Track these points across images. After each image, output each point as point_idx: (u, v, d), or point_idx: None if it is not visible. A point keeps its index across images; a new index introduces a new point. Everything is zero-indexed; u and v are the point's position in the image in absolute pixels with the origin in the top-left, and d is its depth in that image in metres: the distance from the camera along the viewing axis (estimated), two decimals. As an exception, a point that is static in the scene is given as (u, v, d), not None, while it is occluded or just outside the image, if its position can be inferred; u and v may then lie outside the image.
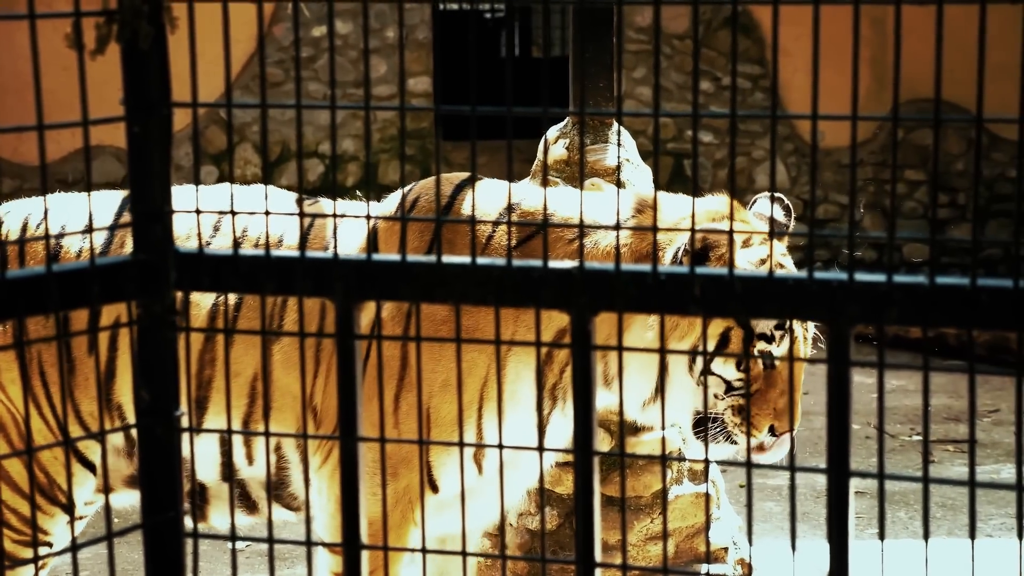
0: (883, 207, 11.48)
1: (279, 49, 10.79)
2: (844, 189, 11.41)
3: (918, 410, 7.78)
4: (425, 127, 11.01)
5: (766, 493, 6.33)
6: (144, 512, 2.10)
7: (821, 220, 11.14)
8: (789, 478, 1.94)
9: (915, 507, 6.21)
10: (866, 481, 5.12)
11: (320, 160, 11.03)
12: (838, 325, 1.89)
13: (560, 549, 4.38)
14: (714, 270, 1.95)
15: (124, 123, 2.03)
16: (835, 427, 1.92)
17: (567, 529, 4.39)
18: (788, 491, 6.41)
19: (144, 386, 2.09)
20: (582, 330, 1.99)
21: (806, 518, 6.05)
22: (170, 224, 2.08)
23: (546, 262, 2.00)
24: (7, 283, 1.90)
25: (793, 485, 1.98)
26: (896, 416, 7.61)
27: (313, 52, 10.91)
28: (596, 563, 1.99)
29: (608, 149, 4.31)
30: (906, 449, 7.14)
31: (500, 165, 10.61)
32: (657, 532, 4.36)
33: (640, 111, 10.15)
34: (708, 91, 11.12)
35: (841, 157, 11.26)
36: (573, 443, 2.01)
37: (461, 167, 11.01)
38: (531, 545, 4.39)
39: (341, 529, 2.06)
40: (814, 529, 5.83)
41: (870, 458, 6.57)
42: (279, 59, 10.80)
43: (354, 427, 2.05)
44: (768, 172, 11.36)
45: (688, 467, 4.43)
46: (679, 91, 11.10)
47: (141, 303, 2.07)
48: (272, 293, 2.10)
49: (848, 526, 1.92)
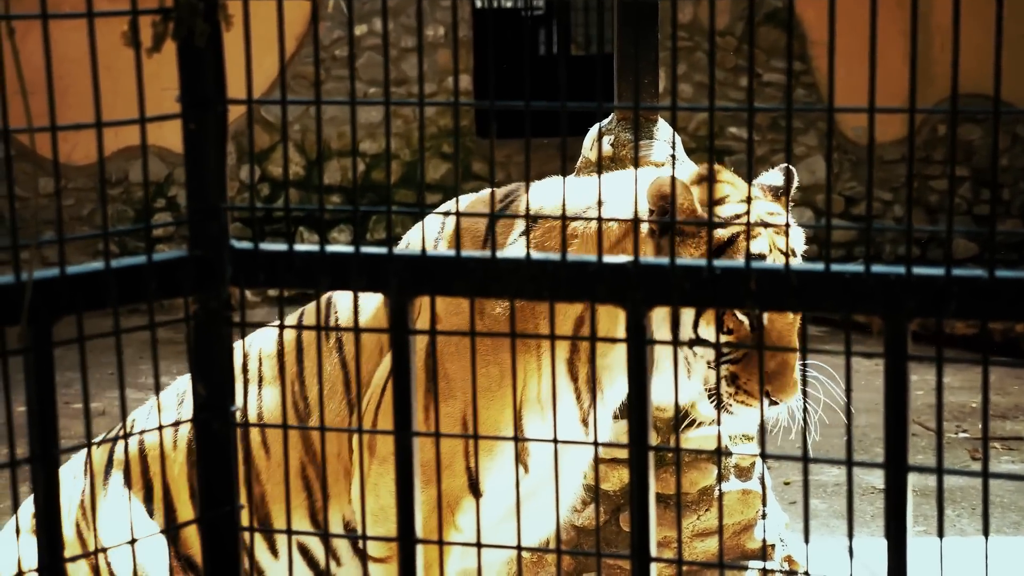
0: (926, 203, 11.40)
1: (321, 48, 10.81)
2: (887, 185, 11.34)
3: (963, 407, 7.73)
4: (465, 125, 11.01)
5: (811, 490, 6.30)
6: (201, 507, 2.11)
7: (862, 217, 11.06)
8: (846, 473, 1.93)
9: (961, 504, 6.17)
10: (912, 478, 5.08)
11: (361, 159, 11.06)
12: (896, 319, 1.88)
13: (606, 545, 4.37)
14: (770, 264, 1.94)
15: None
16: (893, 422, 1.91)
17: (613, 525, 4.38)
18: (835, 488, 6.39)
19: (200, 381, 2.11)
20: (637, 325, 1.99)
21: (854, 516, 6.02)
22: (225, 220, 2.09)
23: (600, 258, 2.00)
24: (67, 279, 1.91)
25: (850, 479, 1.97)
26: (942, 413, 7.56)
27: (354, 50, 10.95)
28: (651, 558, 1.99)
29: (654, 145, 4.30)
30: (952, 446, 7.09)
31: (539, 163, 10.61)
32: (704, 529, 4.35)
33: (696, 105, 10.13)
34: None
35: (884, 153, 11.19)
36: (628, 438, 2.01)
37: (501, 165, 11.01)
38: (577, 541, 4.38)
39: (396, 523, 2.06)
40: (859, 527, 5.80)
41: (916, 455, 6.53)
42: (320, 58, 10.83)
43: (409, 422, 2.06)
44: (811, 169, 11.30)
45: (735, 463, 4.42)
46: (720, 88, 11.06)
47: (197, 299, 2.08)
48: (327, 288, 2.11)
49: (906, 522, 1.91)
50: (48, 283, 1.91)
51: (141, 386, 7.48)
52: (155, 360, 2.12)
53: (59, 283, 1.92)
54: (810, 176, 11.25)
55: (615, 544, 4.38)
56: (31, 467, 1.91)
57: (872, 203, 1.87)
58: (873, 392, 7.03)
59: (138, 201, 11.00)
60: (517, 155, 11.11)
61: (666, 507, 4.27)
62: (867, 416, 6.90)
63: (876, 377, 7.33)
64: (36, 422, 1.92)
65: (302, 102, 2.01)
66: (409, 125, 10.96)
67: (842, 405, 7.39)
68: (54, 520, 1.94)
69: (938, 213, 11.31)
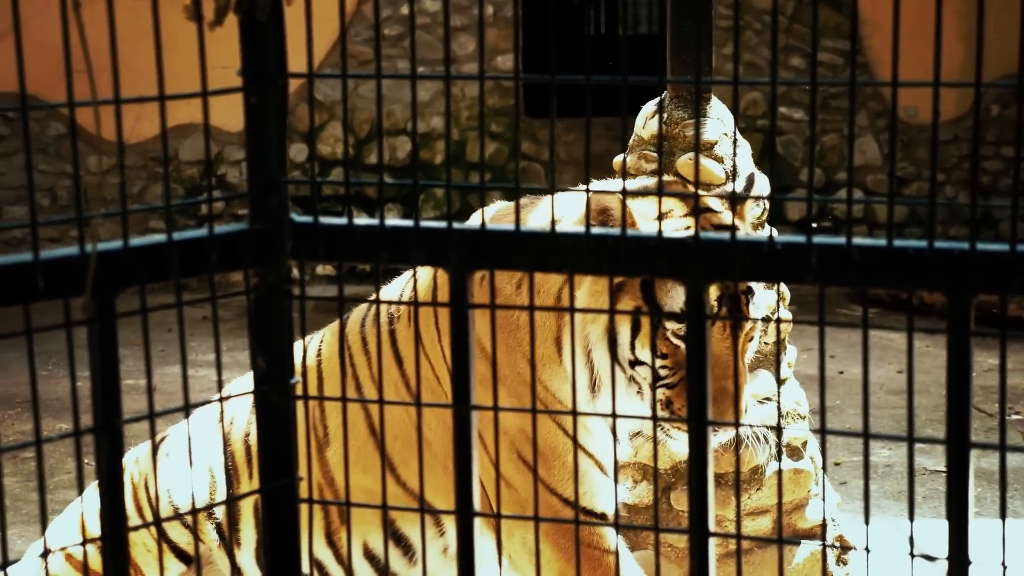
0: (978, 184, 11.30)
1: (368, 27, 10.83)
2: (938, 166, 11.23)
3: (1015, 389, 7.67)
4: (511, 104, 11.00)
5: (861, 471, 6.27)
6: (262, 479, 2.12)
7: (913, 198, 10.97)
8: (907, 449, 1.92)
9: (1014, 486, 6.12)
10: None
11: (408, 138, 11.06)
12: (959, 295, 1.87)
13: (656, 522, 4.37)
14: (832, 239, 1.92)
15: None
16: (955, 398, 1.89)
17: (664, 504, 4.38)
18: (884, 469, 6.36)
19: (260, 354, 2.12)
20: (697, 299, 1.98)
21: (903, 496, 5.99)
22: (286, 193, 2.10)
23: (661, 233, 1.99)
24: (130, 251, 1.93)
25: (911, 455, 1.96)
26: (994, 395, 7.51)
27: (401, 30, 10.94)
28: (710, 532, 1.99)
29: (707, 123, 4.29)
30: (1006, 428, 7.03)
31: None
32: (755, 508, 4.34)
33: (757, 79, 10.05)
34: (799, 67, 11.01)
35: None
36: (688, 413, 2.00)
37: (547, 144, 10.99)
38: (629, 519, 4.39)
39: (455, 496, 2.07)
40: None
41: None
42: (368, 37, 10.84)
43: (467, 396, 2.06)
44: (861, 149, 11.22)
45: (786, 443, 4.40)
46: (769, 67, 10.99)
47: (257, 272, 2.09)
48: (386, 262, 2.11)
49: (968, 500, 1.90)
50: (111, 255, 1.92)
51: (191, 363, 7.54)
52: (216, 334, 2.13)
53: (122, 255, 1.93)
54: (860, 157, 11.18)
55: (664, 521, 4.38)
56: (95, 437, 1.93)
57: (936, 177, 1.86)
58: (922, 374, 6.98)
59: (187, 180, 11.06)
60: (565, 134, 11.08)
61: (717, 486, 4.26)
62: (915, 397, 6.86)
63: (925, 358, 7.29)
64: (100, 393, 1.94)
65: (363, 76, 2.01)
66: (457, 104, 10.95)
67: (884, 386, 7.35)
68: (117, 490, 1.96)
69: (990, 194, 11.21)
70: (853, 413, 6.91)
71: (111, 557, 1.96)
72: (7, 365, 8.27)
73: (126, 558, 1.97)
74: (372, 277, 2.47)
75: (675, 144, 4.32)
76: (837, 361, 7.77)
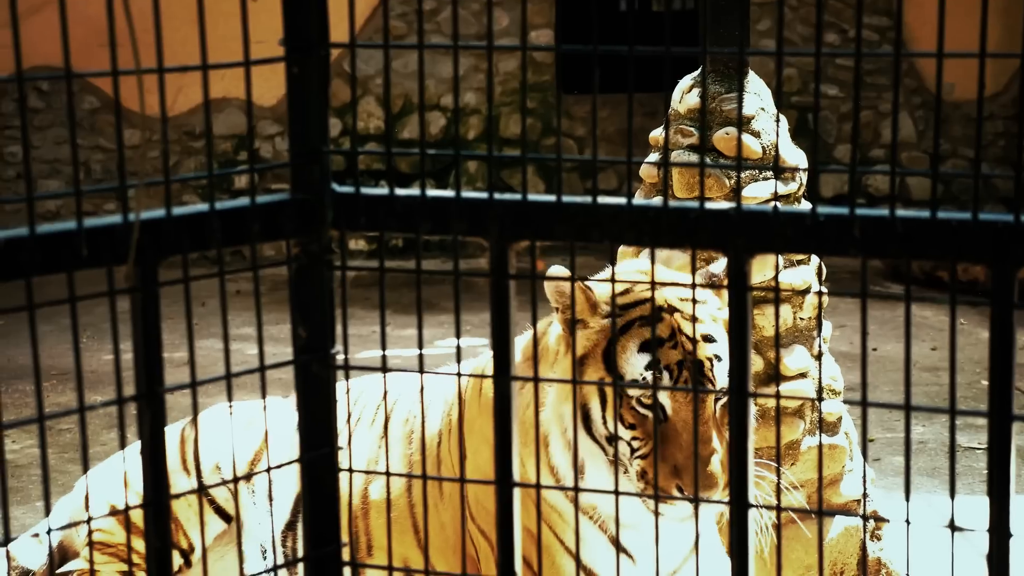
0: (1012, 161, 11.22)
1: (402, 2, 10.82)
2: (973, 143, 11.16)
3: (1049, 366, 7.61)
4: (547, 80, 10.97)
5: (896, 447, 6.25)
6: (301, 448, 2.13)
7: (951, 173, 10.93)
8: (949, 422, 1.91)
9: (1049, 464, 6.09)
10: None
11: (442, 113, 11.06)
12: (1003, 267, 1.86)
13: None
14: (875, 211, 1.91)
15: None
16: (998, 370, 1.88)
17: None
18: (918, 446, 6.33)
19: (301, 324, 2.12)
20: (739, 271, 1.98)
21: (937, 473, 5.97)
22: (328, 164, 2.10)
23: (703, 205, 1.99)
24: (173, 220, 1.93)
25: (953, 427, 1.95)
26: (1026, 373, 7.47)
27: (436, 4, 10.93)
28: (750, 504, 1.99)
29: (744, 97, 4.26)
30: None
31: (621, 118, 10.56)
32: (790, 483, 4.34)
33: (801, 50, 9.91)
34: (834, 43, 10.94)
35: (971, 111, 11.02)
36: (729, 386, 2.00)
37: (582, 121, 10.97)
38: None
39: (495, 466, 2.07)
40: (944, 485, 5.75)
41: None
42: (401, 12, 10.83)
43: (507, 370, 2.07)
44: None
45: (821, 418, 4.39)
46: (804, 43, 10.93)
47: (299, 242, 2.10)
48: (427, 233, 2.11)
49: (1010, 473, 1.89)
50: (155, 224, 1.93)
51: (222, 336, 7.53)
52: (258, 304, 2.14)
53: (165, 224, 1.94)
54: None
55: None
56: (137, 405, 1.94)
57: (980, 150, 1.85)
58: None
59: (220, 154, 11.09)
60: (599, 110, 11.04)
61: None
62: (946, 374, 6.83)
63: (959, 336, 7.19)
64: (142, 361, 1.95)
65: (405, 46, 2.01)
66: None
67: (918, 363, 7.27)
68: (159, 457, 1.97)
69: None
70: (887, 390, 6.88)
71: (153, 522, 1.97)
72: (40, 338, 8.31)
73: (168, 522, 1.99)
74: (407, 251, 2.47)
75: (712, 118, 4.31)
76: (871, 338, 7.74)
